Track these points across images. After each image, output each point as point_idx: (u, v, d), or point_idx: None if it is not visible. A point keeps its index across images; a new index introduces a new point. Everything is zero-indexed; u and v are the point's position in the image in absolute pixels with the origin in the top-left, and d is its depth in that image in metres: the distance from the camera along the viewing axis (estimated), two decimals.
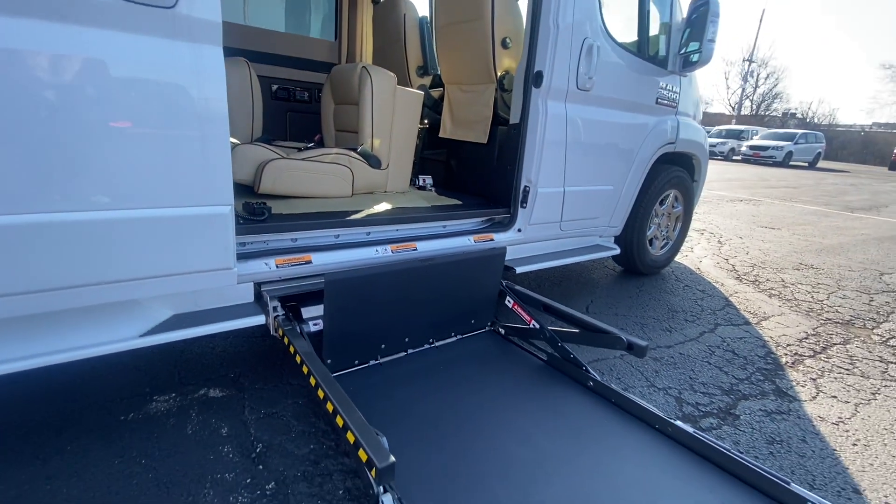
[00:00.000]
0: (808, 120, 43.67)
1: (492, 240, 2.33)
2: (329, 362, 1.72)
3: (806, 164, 22.00)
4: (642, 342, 1.68)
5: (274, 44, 3.44)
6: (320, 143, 2.96)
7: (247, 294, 1.66)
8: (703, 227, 5.27)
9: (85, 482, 1.26)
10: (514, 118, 2.37)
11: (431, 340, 2.04)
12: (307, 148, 2.44)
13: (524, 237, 2.44)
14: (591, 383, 1.78)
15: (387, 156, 2.61)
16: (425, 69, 3.38)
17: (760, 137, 22.61)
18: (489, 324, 2.22)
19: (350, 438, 1.12)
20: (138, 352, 1.86)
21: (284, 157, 2.21)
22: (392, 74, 2.54)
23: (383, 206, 2.27)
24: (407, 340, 1.96)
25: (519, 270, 2.38)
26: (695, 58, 2.73)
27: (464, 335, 2.14)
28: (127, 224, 1.22)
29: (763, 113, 45.65)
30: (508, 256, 2.34)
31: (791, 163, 21.23)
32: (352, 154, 2.43)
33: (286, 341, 1.57)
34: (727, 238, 4.78)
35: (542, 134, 2.25)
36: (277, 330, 1.65)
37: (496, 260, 2.14)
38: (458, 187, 2.95)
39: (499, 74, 2.55)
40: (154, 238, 1.27)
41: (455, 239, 2.23)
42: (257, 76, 2.79)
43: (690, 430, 1.49)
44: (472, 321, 2.16)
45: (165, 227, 1.28)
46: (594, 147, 2.52)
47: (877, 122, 43.23)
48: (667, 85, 2.85)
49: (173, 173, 1.25)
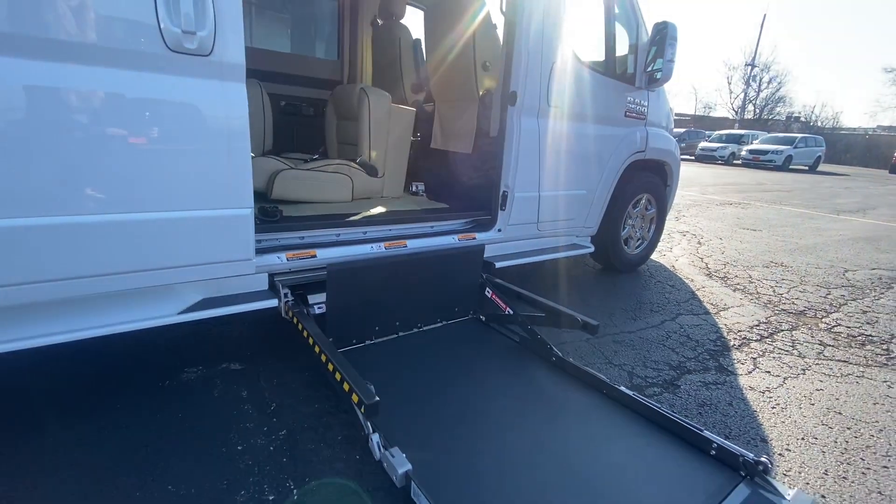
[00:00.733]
0: (812, 124, 43.73)
1: (474, 238, 2.64)
2: (330, 340, 2.04)
3: (806, 168, 22.12)
4: (593, 321, 1.99)
5: (282, 64, 3.80)
6: (324, 154, 3.30)
7: (262, 282, 1.99)
8: (687, 229, 5.56)
9: (133, 432, 1.59)
10: (494, 131, 2.70)
11: (419, 325, 2.35)
12: (313, 159, 2.78)
13: (504, 236, 2.75)
14: (554, 359, 2.08)
15: (383, 165, 2.94)
16: (419, 86, 3.72)
17: (760, 142, 22.76)
18: (471, 312, 2.54)
19: (346, 387, 1.44)
20: (168, 334, 2.20)
21: (293, 168, 2.55)
22: (387, 94, 2.88)
23: (379, 209, 2.60)
24: (398, 324, 2.27)
25: (498, 265, 2.69)
26: (658, 75, 3.05)
27: (448, 321, 2.45)
28: (172, 223, 1.55)
29: (766, 117, 45.74)
30: (490, 253, 2.65)
31: (791, 166, 21.36)
32: (352, 164, 2.77)
33: (295, 321, 1.89)
34: (707, 239, 5.07)
35: (518, 145, 2.57)
36: (288, 312, 1.97)
37: (475, 255, 2.46)
38: (447, 192, 3.28)
39: (481, 93, 2.88)
40: (191, 234, 1.60)
41: (441, 238, 2.55)
42: (267, 93, 3.14)
43: (630, 393, 1.79)
44: (456, 309, 2.47)
45: (200, 226, 1.61)
46: (566, 156, 2.83)
47: (881, 126, 43.21)
48: (635, 99, 3.17)
49: (207, 181, 1.58)
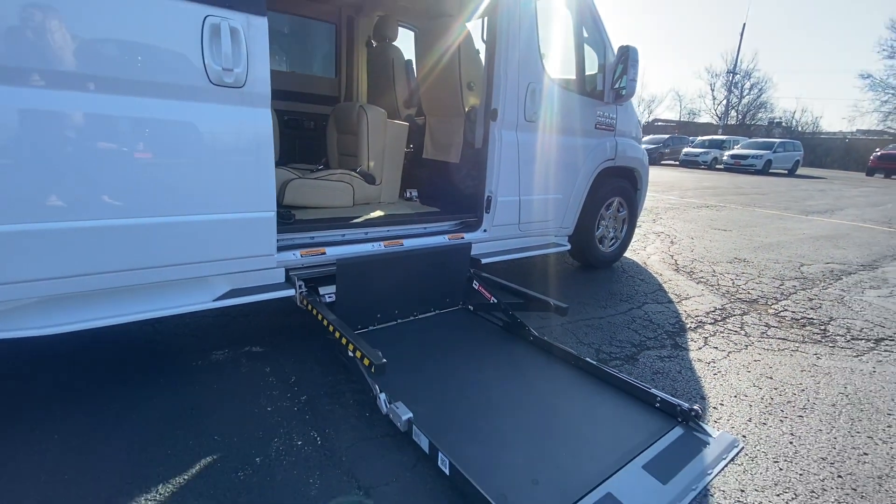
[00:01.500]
0: (793, 128, 44.92)
1: (463, 238, 2.99)
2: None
3: (786, 172, 22.82)
4: (563, 304, 2.34)
5: (285, 82, 4.14)
6: (327, 165, 3.64)
7: (280, 276, 2.30)
8: (662, 230, 5.97)
9: (179, 399, 1.90)
10: (478, 143, 3.06)
11: (415, 313, 2.69)
12: (318, 169, 3.12)
13: (489, 236, 3.10)
14: (532, 338, 2.43)
15: (380, 174, 3.29)
16: (410, 102, 4.09)
17: (741, 147, 23.47)
18: (461, 302, 2.88)
19: (359, 354, 1.77)
20: (195, 322, 2.52)
21: (301, 177, 2.88)
22: (383, 111, 3.24)
23: (378, 213, 2.94)
24: (396, 312, 2.61)
25: (484, 261, 3.04)
26: (623, 92, 3.44)
27: (441, 310, 2.79)
28: (212, 224, 1.87)
29: (749, 122, 46.88)
30: (477, 251, 3.00)
31: (771, 170, 22.04)
32: (352, 173, 3.11)
33: (310, 308, 2.22)
34: (679, 239, 5.47)
35: (499, 155, 2.92)
36: (303, 301, 2.29)
37: (464, 253, 2.81)
38: (438, 197, 3.62)
39: (466, 109, 3.25)
40: (227, 233, 1.93)
41: (434, 237, 2.89)
42: (273, 110, 3.47)
43: (594, 363, 2.15)
44: (447, 299, 2.82)
45: (234, 226, 1.94)
46: (543, 164, 3.20)
47: (860, 129, 44.54)
48: (604, 113, 3.55)
49: (240, 189, 1.91)
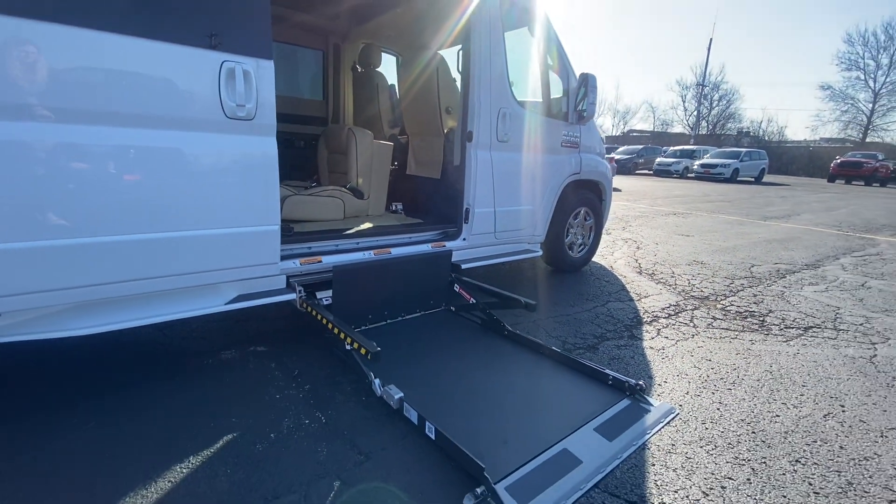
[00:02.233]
0: (761, 138, 46.87)
1: (444, 246, 3.32)
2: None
3: (752, 180, 23.90)
4: (532, 301, 2.69)
5: (277, 104, 4.43)
6: (318, 182, 3.95)
7: (281, 282, 2.59)
8: (630, 237, 6.41)
9: (190, 396, 2.17)
10: (456, 161, 3.41)
11: (403, 314, 3.00)
12: (311, 186, 3.43)
13: (468, 244, 3.44)
14: (506, 332, 2.76)
15: (368, 189, 3.61)
16: (394, 122, 4.44)
17: (710, 156, 24.49)
18: (443, 304, 3.20)
19: (356, 346, 2.08)
20: (202, 328, 2.78)
21: (297, 194, 3.19)
22: (370, 132, 3.57)
23: (367, 225, 3.25)
24: (386, 314, 2.91)
25: (465, 266, 3.36)
26: (584, 113, 3.85)
27: (426, 311, 3.11)
28: (226, 237, 2.16)
29: (719, 132, 48.72)
30: (457, 258, 3.33)
31: (739, 178, 23.05)
32: (343, 189, 3.43)
33: (309, 309, 2.51)
34: (645, 244, 5.91)
35: (475, 172, 3.28)
36: (302, 304, 2.58)
37: (445, 260, 3.14)
38: (421, 210, 3.96)
39: (445, 131, 3.61)
40: (238, 244, 2.22)
41: (418, 246, 3.21)
42: None
43: (558, 350, 2.49)
44: (431, 301, 3.13)
45: (244, 239, 2.23)
46: (515, 179, 3.56)
47: (824, 138, 46.77)
48: (569, 132, 3.95)
49: (250, 205, 2.21)
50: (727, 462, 1.78)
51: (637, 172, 26.53)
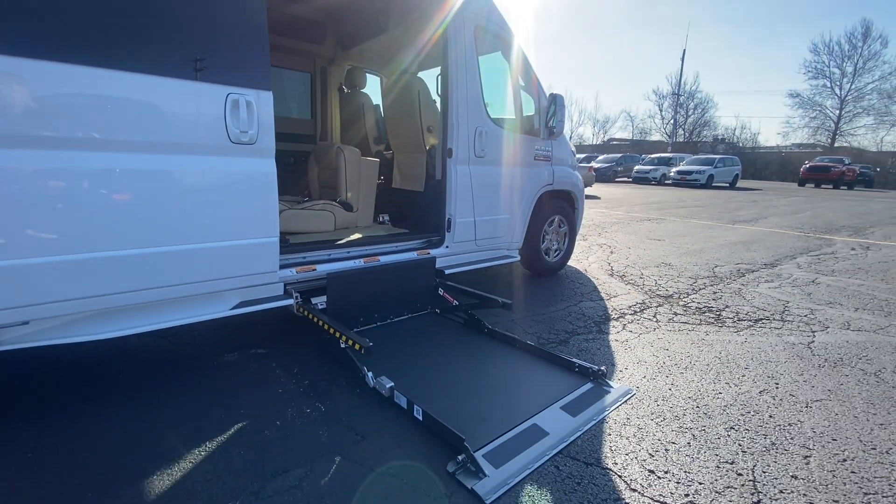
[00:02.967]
0: (735, 144, 48.41)
1: (429, 254, 3.60)
2: None
3: (727, 185, 24.73)
4: (509, 301, 2.99)
5: None
6: (309, 196, 4.21)
7: (279, 289, 2.83)
8: (605, 242, 6.77)
9: (200, 393, 2.40)
10: (438, 175, 3.71)
11: (391, 317, 3.26)
12: (304, 201, 3.69)
13: (451, 251, 3.73)
14: (486, 330, 3.05)
15: (356, 202, 3.88)
16: (379, 139, 4.73)
17: (686, 163, 25.33)
18: (429, 306, 3.47)
19: (350, 343, 2.34)
20: (204, 335, 3.01)
21: (291, 208, 3.45)
22: (357, 150, 3.86)
23: (356, 235, 3.52)
24: (376, 316, 3.18)
25: (448, 272, 3.65)
26: (554, 129, 4.20)
27: (413, 314, 3.38)
28: (230, 248, 2.41)
29: (695, 140, 50.20)
30: (440, 264, 3.61)
31: (714, 184, 23.87)
32: (333, 203, 3.70)
33: (306, 313, 2.76)
34: (618, 248, 6.27)
35: (456, 185, 3.58)
36: (299, 309, 2.83)
37: (430, 266, 3.43)
38: (406, 220, 4.24)
39: (427, 147, 3.91)
40: (241, 255, 2.47)
41: (405, 254, 3.49)
42: None
43: (531, 343, 2.78)
44: (418, 305, 3.41)
45: (247, 250, 2.48)
46: (492, 190, 3.87)
47: (795, 143, 48.57)
48: (541, 147, 4.29)
49: (252, 219, 2.46)
50: (672, 430, 2.08)
51: (616, 180, 27.25)
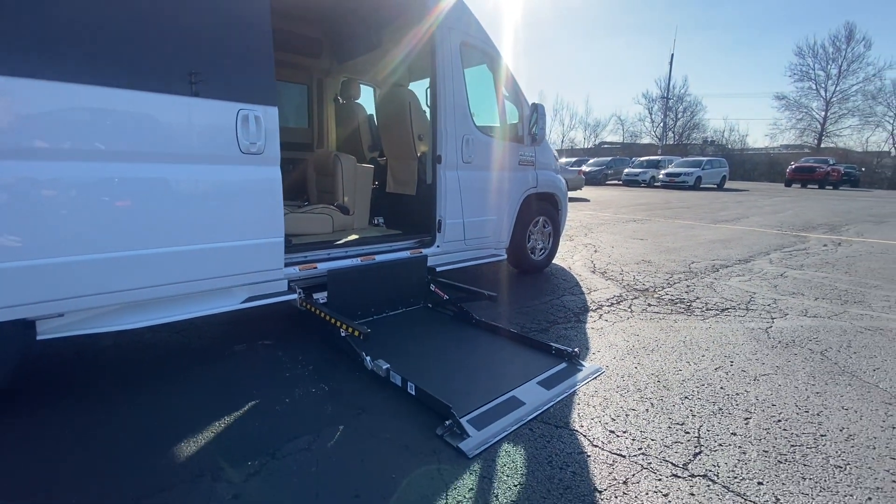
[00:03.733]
0: (725, 146, 49.19)
1: (421, 252, 3.89)
2: None
3: (715, 186, 25.24)
4: (493, 294, 3.28)
5: None
6: (308, 200, 4.49)
7: (283, 286, 3.11)
8: (590, 242, 7.09)
9: (213, 380, 2.67)
10: (429, 180, 4.01)
11: (387, 311, 3.54)
12: (304, 205, 3.97)
13: (442, 250, 4.02)
14: (474, 321, 3.34)
15: (353, 206, 4.17)
16: (373, 147, 5.03)
17: (674, 165, 25.81)
18: (421, 301, 3.75)
19: (350, 330, 2.62)
20: (211, 331, 3.27)
21: (292, 212, 3.72)
22: (353, 157, 4.15)
23: (353, 236, 3.80)
24: (373, 310, 3.46)
25: (439, 269, 3.94)
26: (537, 136, 4.51)
27: (406, 308, 3.66)
28: (240, 248, 2.69)
29: (685, 142, 50.97)
30: (432, 262, 3.90)
31: (702, 186, 24.35)
32: (331, 207, 3.98)
33: (309, 307, 3.03)
34: (602, 248, 6.59)
35: (445, 189, 3.87)
36: (302, 304, 3.10)
37: (422, 264, 3.71)
38: (400, 222, 4.53)
39: (419, 154, 4.21)
40: (250, 254, 2.74)
41: (399, 253, 3.77)
42: None
43: (514, 331, 3.07)
44: (411, 300, 3.69)
45: (255, 249, 2.76)
46: (479, 194, 4.17)
47: (783, 144, 49.46)
48: (525, 152, 4.60)
49: (260, 221, 2.74)
50: (634, 400, 2.37)
51: (607, 183, 27.70)
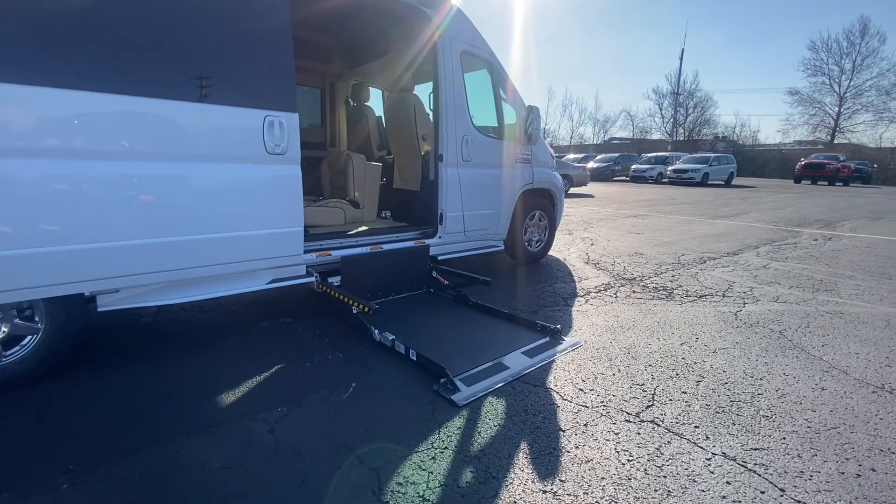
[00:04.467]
0: (736, 142, 48.82)
1: (424, 243, 4.28)
2: None
3: (722, 183, 25.29)
4: (488, 279, 3.67)
5: None
6: (323, 196, 4.91)
7: (302, 270, 3.53)
8: (589, 236, 7.43)
9: (242, 349, 3.10)
10: (431, 177, 4.40)
11: (393, 295, 3.95)
12: (319, 199, 4.39)
13: (443, 241, 4.41)
14: (471, 303, 3.73)
15: (363, 200, 4.58)
16: (381, 146, 5.43)
17: (682, 162, 25.89)
18: (424, 287, 4.16)
19: (361, 307, 3.03)
20: (239, 310, 3.71)
21: (308, 206, 4.14)
22: (363, 156, 4.56)
23: (363, 227, 4.21)
24: (381, 294, 3.87)
25: (441, 258, 4.34)
26: (532, 136, 4.88)
27: (411, 292, 4.07)
28: (266, 235, 3.10)
29: (696, 138, 50.64)
30: (434, 251, 4.30)
31: (709, 182, 24.41)
32: (343, 201, 4.40)
33: (325, 289, 3.44)
34: (599, 241, 6.93)
35: (446, 185, 4.26)
36: (318, 286, 3.52)
37: (425, 253, 4.12)
38: (405, 215, 4.93)
39: (422, 153, 4.60)
40: (274, 241, 3.16)
41: (404, 243, 4.17)
42: None
43: (505, 311, 3.46)
44: (415, 285, 4.10)
45: (278, 237, 3.17)
46: (478, 189, 4.55)
47: (796, 140, 48.98)
48: (522, 151, 4.97)
49: (283, 212, 3.15)
50: (604, 367, 2.75)
51: (615, 179, 27.84)
